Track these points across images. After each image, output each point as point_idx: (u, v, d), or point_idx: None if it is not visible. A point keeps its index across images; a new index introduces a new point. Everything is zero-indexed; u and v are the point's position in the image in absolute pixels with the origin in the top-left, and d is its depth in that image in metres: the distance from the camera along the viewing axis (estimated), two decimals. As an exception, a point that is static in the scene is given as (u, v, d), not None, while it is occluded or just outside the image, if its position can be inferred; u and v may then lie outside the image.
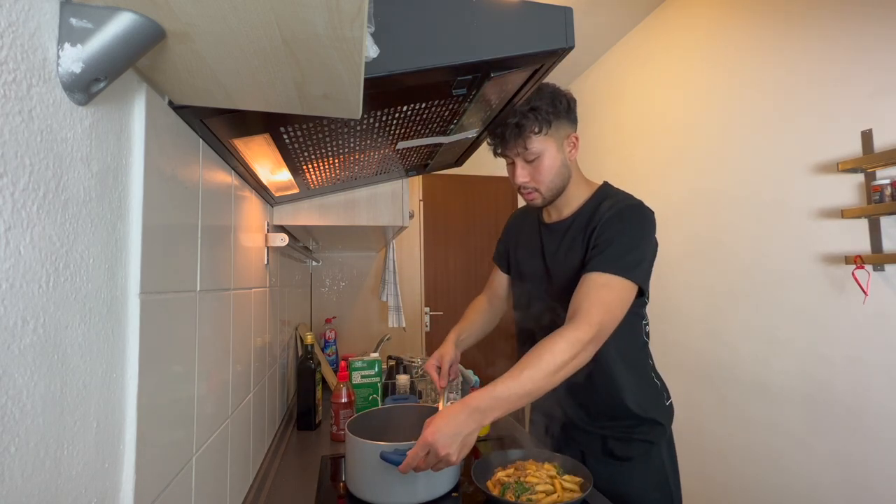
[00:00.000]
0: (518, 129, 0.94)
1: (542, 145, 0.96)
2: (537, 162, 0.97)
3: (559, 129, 0.98)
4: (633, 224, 0.94)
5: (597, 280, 0.88)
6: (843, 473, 1.48)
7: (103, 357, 0.42)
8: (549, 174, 0.98)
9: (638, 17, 2.45)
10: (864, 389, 1.43)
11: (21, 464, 0.31)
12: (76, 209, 0.38)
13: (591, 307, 0.85)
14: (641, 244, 0.92)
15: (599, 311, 0.85)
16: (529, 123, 0.94)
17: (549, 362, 0.80)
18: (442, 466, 0.77)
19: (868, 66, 1.42)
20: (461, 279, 3.57)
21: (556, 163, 0.98)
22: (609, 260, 0.89)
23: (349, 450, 0.93)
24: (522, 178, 0.99)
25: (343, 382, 1.33)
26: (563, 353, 0.80)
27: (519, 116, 0.94)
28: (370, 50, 0.54)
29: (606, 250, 0.90)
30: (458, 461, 0.76)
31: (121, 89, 0.45)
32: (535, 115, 0.94)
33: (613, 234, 0.92)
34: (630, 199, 1.00)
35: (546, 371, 0.79)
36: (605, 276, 0.88)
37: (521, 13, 0.62)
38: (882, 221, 1.38)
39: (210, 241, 0.70)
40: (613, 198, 1.01)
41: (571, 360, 0.81)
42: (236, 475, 0.86)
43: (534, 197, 1.01)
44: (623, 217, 0.94)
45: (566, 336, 0.82)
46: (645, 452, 1.01)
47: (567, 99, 0.99)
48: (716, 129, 2.00)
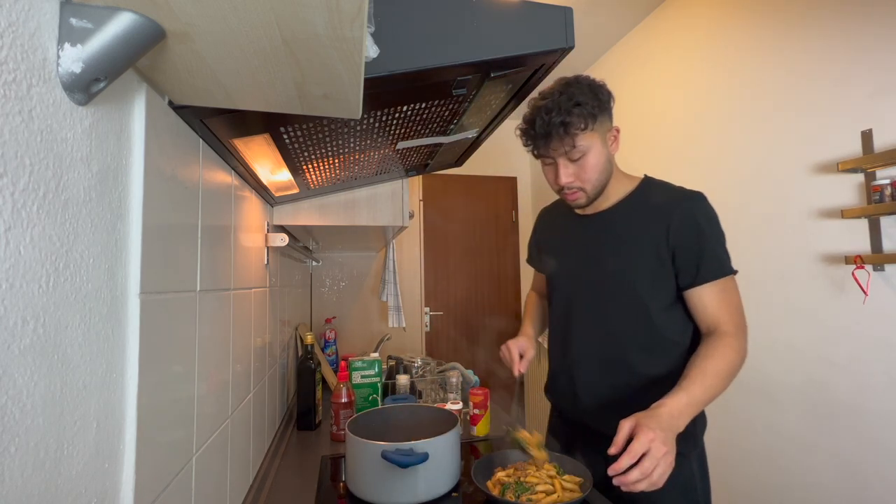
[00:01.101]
0: (564, 127, 0.88)
1: (589, 141, 0.91)
2: (583, 160, 0.92)
3: (603, 123, 0.93)
4: (709, 219, 0.92)
5: (714, 289, 0.90)
6: (842, 473, 1.48)
7: (103, 357, 0.42)
8: (596, 171, 0.93)
9: (638, 18, 2.45)
10: (864, 389, 1.43)
11: (21, 464, 0.31)
12: (76, 209, 0.38)
13: (730, 315, 0.89)
14: (722, 234, 0.93)
15: (737, 315, 0.90)
16: (576, 120, 0.88)
17: (726, 370, 0.83)
18: (665, 470, 0.69)
19: (868, 66, 1.42)
20: (461, 279, 3.57)
21: (601, 158, 0.93)
22: (713, 267, 0.90)
23: (349, 450, 0.93)
24: (567, 179, 0.93)
25: (343, 382, 1.33)
26: (736, 362, 0.85)
27: (564, 113, 0.88)
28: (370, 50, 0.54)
29: (704, 258, 0.89)
30: (673, 462, 0.71)
31: (121, 89, 0.45)
32: (580, 111, 0.88)
33: (702, 239, 0.90)
34: (687, 193, 0.95)
35: (725, 378, 0.83)
36: (718, 282, 0.90)
37: (521, 13, 0.62)
38: (882, 221, 1.38)
39: (210, 241, 0.70)
40: (666, 190, 0.97)
41: (739, 366, 0.86)
42: (236, 475, 0.85)
43: (577, 196, 0.96)
44: (697, 216, 0.91)
45: (730, 344, 0.85)
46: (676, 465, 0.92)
47: (606, 90, 0.94)
48: (716, 129, 2.00)
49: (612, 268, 0.97)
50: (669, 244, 0.91)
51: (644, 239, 0.94)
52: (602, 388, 0.99)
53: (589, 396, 1.00)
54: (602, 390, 0.98)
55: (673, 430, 0.73)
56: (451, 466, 0.93)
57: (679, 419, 0.75)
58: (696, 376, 0.80)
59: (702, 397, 0.79)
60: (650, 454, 0.69)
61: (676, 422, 0.74)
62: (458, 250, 3.59)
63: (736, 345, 0.86)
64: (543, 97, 0.92)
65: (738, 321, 0.89)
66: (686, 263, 0.91)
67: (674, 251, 0.91)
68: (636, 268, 0.94)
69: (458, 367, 1.65)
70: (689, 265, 0.90)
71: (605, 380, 0.98)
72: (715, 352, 0.84)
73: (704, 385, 0.79)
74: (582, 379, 1.02)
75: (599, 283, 0.99)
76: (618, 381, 0.96)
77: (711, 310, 0.90)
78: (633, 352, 0.95)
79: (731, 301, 0.91)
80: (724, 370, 0.83)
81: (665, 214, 0.92)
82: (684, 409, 0.76)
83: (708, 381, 0.80)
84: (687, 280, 0.91)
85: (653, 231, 0.93)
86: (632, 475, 0.68)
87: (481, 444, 1.26)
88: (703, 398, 0.79)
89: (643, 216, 0.96)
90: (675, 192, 0.97)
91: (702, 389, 0.79)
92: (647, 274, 0.93)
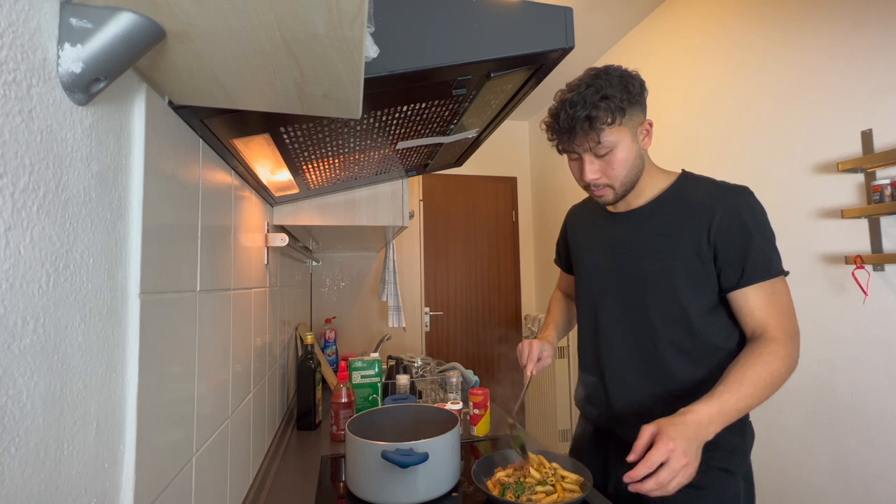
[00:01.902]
0: (589, 122, 0.83)
1: (617, 137, 0.85)
2: (610, 156, 0.86)
3: (633, 116, 0.87)
4: (756, 216, 0.85)
5: (761, 291, 0.83)
6: (842, 473, 1.48)
7: (103, 357, 0.42)
8: (624, 168, 0.87)
9: (637, 18, 2.45)
10: (864, 389, 1.43)
11: (21, 464, 0.31)
12: (76, 209, 0.38)
13: (780, 319, 0.82)
14: (771, 232, 0.86)
15: (788, 319, 0.82)
16: (602, 114, 0.83)
17: (767, 380, 0.76)
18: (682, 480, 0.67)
19: (868, 66, 1.42)
20: (461, 279, 3.57)
21: (630, 154, 0.87)
22: (760, 267, 0.83)
23: (350, 450, 0.93)
24: (593, 175, 0.88)
25: (343, 382, 1.33)
26: (782, 372, 0.78)
27: (589, 107, 0.83)
28: (370, 50, 0.54)
29: (751, 258, 0.83)
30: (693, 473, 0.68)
31: (121, 89, 0.45)
32: (607, 105, 0.83)
33: (748, 237, 0.83)
34: (731, 187, 0.89)
35: (766, 389, 0.76)
36: (766, 284, 0.83)
37: (521, 13, 0.62)
38: (882, 221, 1.38)
39: (210, 241, 0.70)
40: (709, 186, 0.91)
41: (786, 376, 0.79)
42: (236, 475, 0.85)
43: (604, 193, 0.91)
44: (742, 213, 0.85)
45: (776, 352, 0.78)
46: (721, 482, 0.86)
47: (639, 81, 0.89)
48: (716, 129, 2.00)
49: (649, 268, 0.91)
50: (711, 242, 0.85)
51: (684, 237, 0.87)
52: (639, 395, 0.92)
53: (624, 405, 0.94)
54: (639, 398, 0.92)
55: (698, 439, 0.70)
56: (451, 466, 0.93)
57: (707, 428, 0.71)
58: (731, 384, 0.75)
59: (736, 406, 0.73)
60: (668, 465, 0.66)
61: (704, 431, 0.70)
62: (458, 250, 3.59)
63: (783, 352, 0.78)
64: (570, 89, 0.87)
65: (788, 327, 0.82)
66: (730, 263, 0.84)
67: (716, 250, 0.85)
68: (675, 268, 0.88)
69: (458, 367, 1.65)
70: (733, 265, 0.84)
71: (641, 387, 0.92)
72: (757, 359, 0.78)
73: (740, 394, 0.74)
74: (616, 386, 0.95)
75: (634, 285, 0.93)
76: (656, 388, 0.90)
77: (758, 314, 0.83)
78: (672, 357, 0.89)
79: (780, 304, 0.83)
80: (765, 379, 0.76)
81: (707, 211, 0.86)
82: (714, 417, 0.71)
83: (744, 389, 0.74)
84: (731, 281, 0.84)
85: (693, 228, 0.87)
86: (647, 484, 0.67)
87: (481, 444, 1.26)
88: (738, 408, 0.74)
89: (682, 213, 0.89)
90: (717, 186, 0.90)
91: (736, 398, 0.73)
92: (686, 274, 0.87)
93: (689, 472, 0.67)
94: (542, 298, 3.58)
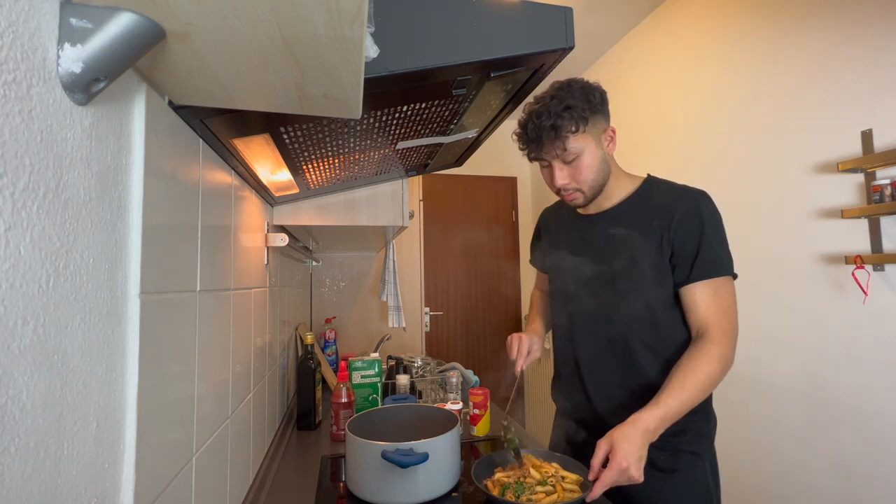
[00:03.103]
0: (554, 131, 0.90)
1: (581, 144, 0.91)
2: (577, 162, 0.93)
3: (596, 124, 0.93)
4: (711, 217, 0.91)
5: (707, 289, 0.89)
6: (842, 473, 1.48)
7: (103, 357, 0.42)
8: (591, 172, 0.94)
9: (638, 18, 2.45)
10: (864, 389, 1.43)
11: (21, 464, 0.31)
12: (76, 209, 0.38)
13: (718, 319, 0.88)
14: (723, 233, 0.92)
15: (727, 320, 0.89)
16: (566, 123, 0.89)
17: (705, 383, 0.84)
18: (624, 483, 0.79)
19: (868, 66, 1.42)
20: (461, 279, 3.57)
21: (595, 160, 0.94)
22: (708, 265, 0.89)
23: (349, 449, 0.93)
24: (562, 181, 0.94)
25: (343, 382, 1.33)
26: (717, 373, 0.85)
27: (554, 117, 0.89)
28: (370, 50, 0.54)
29: (700, 256, 0.89)
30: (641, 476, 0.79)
31: (121, 89, 0.45)
32: (570, 114, 0.89)
33: (701, 236, 0.89)
34: (691, 191, 0.96)
35: (703, 391, 0.85)
36: (712, 282, 0.89)
37: (521, 13, 0.62)
38: (882, 221, 1.38)
39: (210, 241, 0.70)
40: (670, 189, 0.98)
41: (721, 376, 0.86)
42: (236, 475, 0.85)
43: (575, 197, 0.97)
44: (698, 214, 0.91)
45: (712, 354, 0.86)
46: (690, 465, 0.94)
47: (599, 92, 0.95)
48: (716, 130, 2.00)
49: (617, 266, 0.96)
50: (670, 241, 0.91)
51: (648, 237, 0.93)
52: (614, 388, 0.98)
53: (602, 399, 0.99)
54: (615, 391, 0.98)
55: (647, 443, 0.80)
56: (451, 466, 0.93)
57: (654, 433, 0.81)
58: (673, 389, 0.83)
59: (678, 410, 0.83)
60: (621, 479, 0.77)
61: (650, 435, 0.80)
62: (458, 250, 3.58)
63: (719, 353, 0.86)
64: (537, 101, 0.93)
65: (726, 326, 0.89)
66: (682, 259, 0.90)
67: (672, 247, 0.91)
68: (640, 267, 0.93)
69: (458, 367, 1.65)
70: (684, 261, 0.90)
71: (616, 382, 0.98)
72: (696, 363, 0.85)
73: (681, 398, 0.83)
74: (593, 382, 1.01)
75: (604, 283, 0.99)
76: (629, 381, 0.96)
77: (702, 310, 0.89)
78: (640, 352, 0.94)
79: (722, 303, 0.89)
80: (703, 382, 0.84)
81: (668, 212, 0.92)
82: (659, 423, 0.81)
83: (685, 394, 0.83)
84: (681, 277, 0.91)
85: (656, 229, 0.93)
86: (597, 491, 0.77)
87: (481, 444, 1.26)
88: (679, 411, 0.83)
89: (647, 214, 0.95)
90: (679, 190, 0.97)
91: (678, 403, 0.82)
92: (651, 272, 0.93)
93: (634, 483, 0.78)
94: (542, 298, 3.58)
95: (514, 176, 3.76)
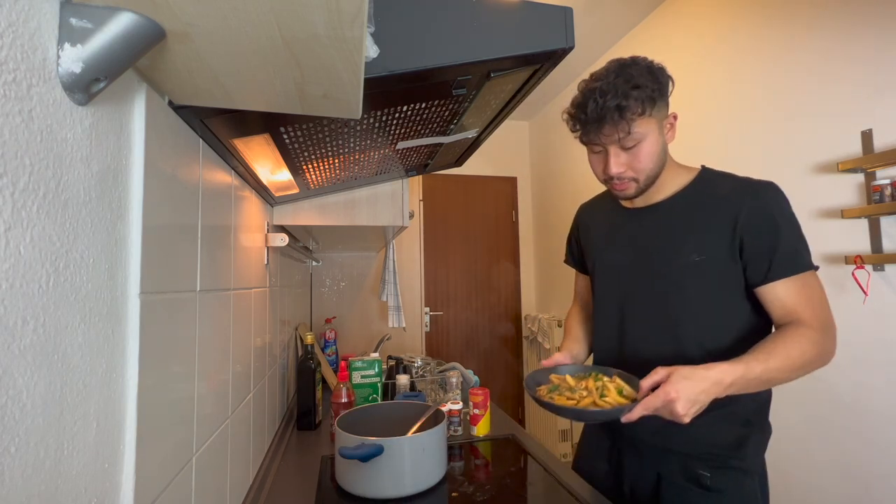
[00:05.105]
0: (619, 112, 0.80)
1: (645, 129, 0.82)
2: (637, 148, 0.84)
3: (661, 108, 0.84)
4: (783, 210, 0.83)
5: (792, 285, 0.80)
6: (842, 474, 1.48)
7: (103, 357, 0.42)
8: (651, 160, 0.85)
9: (637, 18, 2.45)
10: (864, 389, 1.43)
11: (21, 464, 0.31)
12: (76, 209, 0.38)
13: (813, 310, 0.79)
14: (799, 225, 0.84)
15: (821, 311, 0.80)
16: (633, 104, 0.80)
17: (796, 361, 0.75)
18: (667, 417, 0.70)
19: (868, 66, 1.42)
20: (461, 279, 3.57)
21: (657, 147, 0.85)
22: (789, 261, 0.80)
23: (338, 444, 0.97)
24: (618, 168, 0.85)
25: (343, 382, 1.33)
26: (812, 357, 0.76)
27: (621, 97, 0.80)
28: (370, 50, 0.54)
29: (779, 252, 0.80)
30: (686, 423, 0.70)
31: (121, 89, 0.45)
32: (638, 94, 0.80)
33: (775, 231, 0.81)
34: (757, 182, 0.87)
35: (792, 370, 0.75)
36: (796, 278, 0.80)
37: (521, 13, 0.62)
38: (882, 221, 1.38)
39: (210, 241, 0.70)
40: (732, 181, 0.89)
41: (817, 363, 0.77)
42: (236, 475, 0.85)
43: (626, 187, 0.88)
44: (770, 207, 0.83)
45: (807, 335, 0.76)
46: (738, 485, 0.84)
47: (667, 74, 0.86)
48: (716, 130, 2.00)
49: (676, 263, 0.88)
50: (737, 236, 0.83)
51: (711, 232, 0.85)
52: None
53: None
54: None
55: (707, 397, 0.69)
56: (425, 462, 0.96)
57: (727, 389, 0.70)
58: (760, 353, 0.74)
59: (760, 376, 0.72)
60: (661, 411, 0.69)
61: (720, 389, 0.70)
62: (458, 250, 3.59)
63: (816, 338, 0.76)
64: (597, 79, 0.84)
65: (823, 319, 0.79)
66: (757, 258, 0.82)
67: (742, 244, 0.83)
68: (703, 263, 0.85)
69: (458, 367, 1.65)
70: (760, 260, 0.81)
71: None
72: (789, 338, 0.76)
73: (767, 365, 0.73)
74: None
75: (660, 281, 0.90)
76: None
77: (791, 306, 0.80)
78: (698, 353, 0.85)
79: (813, 297, 0.80)
80: (795, 359, 0.74)
81: (733, 205, 0.84)
82: (736, 381, 0.71)
83: (772, 363, 0.73)
84: (758, 276, 0.82)
85: (719, 223, 0.85)
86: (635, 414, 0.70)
87: (481, 443, 1.26)
88: (762, 378, 0.73)
89: (707, 207, 0.87)
90: (742, 181, 0.89)
91: (762, 368, 0.72)
92: (715, 270, 0.85)
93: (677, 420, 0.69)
94: (542, 298, 3.58)
95: (514, 176, 3.76)
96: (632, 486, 0.93)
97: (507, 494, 0.97)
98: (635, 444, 0.93)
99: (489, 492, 0.97)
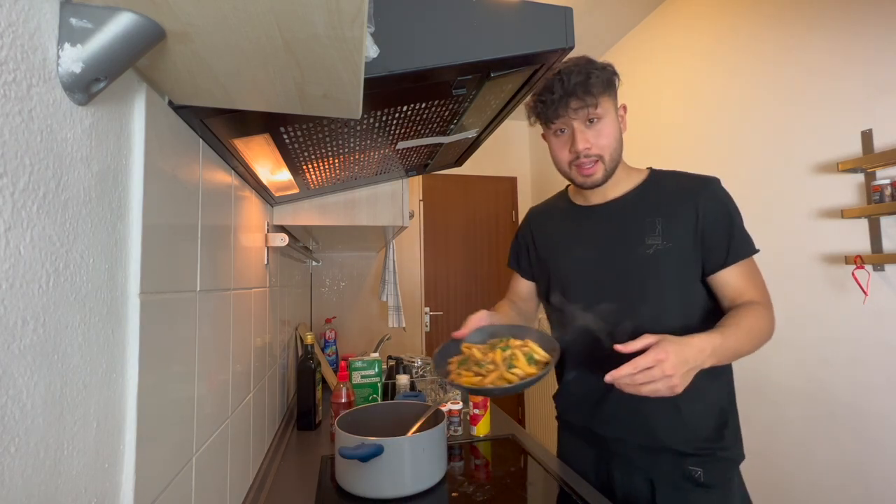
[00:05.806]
0: (585, 87, 0.85)
1: (606, 107, 0.89)
2: (600, 125, 0.89)
3: (615, 96, 0.92)
4: (728, 202, 0.91)
5: (742, 270, 0.88)
6: (842, 474, 1.48)
7: (103, 357, 0.42)
8: (613, 139, 0.90)
9: (637, 18, 2.45)
10: (864, 390, 1.43)
11: (21, 464, 0.31)
12: (76, 209, 0.38)
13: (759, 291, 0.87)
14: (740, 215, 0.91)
15: (764, 292, 0.88)
16: (595, 80, 0.86)
17: (754, 333, 0.80)
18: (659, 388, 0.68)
19: (868, 66, 1.42)
20: (461, 279, 3.57)
21: (616, 129, 0.91)
22: (741, 246, 0.87)
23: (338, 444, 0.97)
24: (584, 144, 0.88)
25: (343, 382, 1.33)
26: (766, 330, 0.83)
27: (584, 74, 0.86)
28: (370, 50, 0.54)
29: (735, 237, 0.88)
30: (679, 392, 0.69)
31: (121, 89, 0.45)
32: (599, 73, 0.87)
33: (731, 219, 0.89)
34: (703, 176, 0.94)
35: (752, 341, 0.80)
36: (746, 262, 0.88)
37: (521, 13, 0.62)
38: (882, 221, 1.38)
39: (210, 241, 0.70)
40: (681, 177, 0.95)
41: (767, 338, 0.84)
42: (236, 475, 0.85)
43: (594, 170, 0.91)
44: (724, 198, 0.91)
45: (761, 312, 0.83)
46: (727, 477, 0.89)
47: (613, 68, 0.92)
48: (716, 130, 2.00)
49: (642, 254, 0.90)
50: (699, 226, 0.88)
51: (673, 222, 0.90)
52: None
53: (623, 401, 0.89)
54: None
55: (693, 364, 0.71)
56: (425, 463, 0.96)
57: (707, 357, 0.73)
58: (731, 326, 0.78)
59: (733, 346, 0.76)
60: (651, 371, 0.67)
61: (702, 358, 0.72)
62: (458, 250, 3.59)
63: (768, 314, 0.84)
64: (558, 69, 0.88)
65: (767, 297, 0.88)
66: (716, 246, 0.87)
67: (703, 233, 0.88)
68: (670, 252, 0.89)
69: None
70: (719, 246, 0.87)
71: None
72: (751, 314, 0.81)
73: (738, 336, 0.77)
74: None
75: (629, 274, 0.92)
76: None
77: (743, 288, 0.87)
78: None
79: (758, 278, 0.89)
80: (756, 332, 0.80)
81: (689, 197, 0.90)
82: (716, 349, 0.73)
83: (741, 335, 0.77)
84: (717, 262, 0.87)
85: (681, 214, 0.89)
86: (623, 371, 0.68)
87: (481, 443, 1.26)
88: (734, 347, 0.77)
89: (665, 200, 0.92)
90: (693, 176, 0.95)
91: (735, 339, 0.76)
92: (681, 258, 0.89)
93: (669, 385, 0.68)
94: (542, 298, 3.58)
95: (514, 176, 3.76)
96: (625, 497, 0.94)
97: (507, 494, 0.97)
98: (623, 453, 0.94)
99: (489, 492, 0.97)
